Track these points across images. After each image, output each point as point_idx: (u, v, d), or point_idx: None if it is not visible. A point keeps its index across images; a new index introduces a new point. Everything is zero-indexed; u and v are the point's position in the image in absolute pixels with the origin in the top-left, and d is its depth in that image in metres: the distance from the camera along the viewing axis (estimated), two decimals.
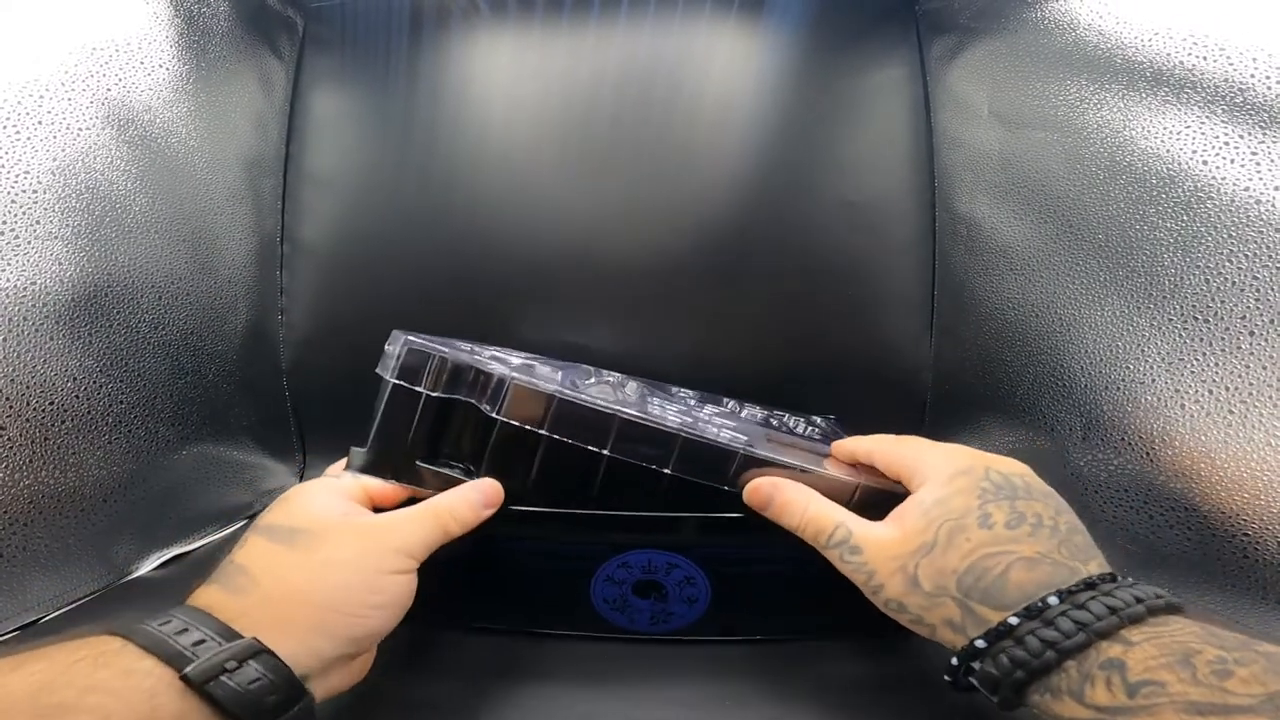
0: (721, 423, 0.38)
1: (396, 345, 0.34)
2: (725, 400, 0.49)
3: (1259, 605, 0.32)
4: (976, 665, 0.25)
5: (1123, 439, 0.38)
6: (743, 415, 0.46)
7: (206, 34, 0.51)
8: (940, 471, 0.29)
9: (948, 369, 0.55)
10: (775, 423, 0.46)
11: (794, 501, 0.31)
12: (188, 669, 0.22)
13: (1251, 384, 0.32)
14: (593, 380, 0.44)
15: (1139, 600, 0.23)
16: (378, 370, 0.34)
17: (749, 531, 0.33)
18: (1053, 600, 0.24)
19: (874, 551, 0.28)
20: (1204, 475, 0.34)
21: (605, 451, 0.32)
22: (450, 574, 0.35)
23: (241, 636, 0.24)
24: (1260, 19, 0.34)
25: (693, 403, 0.46)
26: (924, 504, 0.28)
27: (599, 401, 0.33)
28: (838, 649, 0.36)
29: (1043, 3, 0.46)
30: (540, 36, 0.58)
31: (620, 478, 0.33)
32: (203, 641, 0.23)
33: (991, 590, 0.25)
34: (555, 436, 0.32)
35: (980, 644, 0.25)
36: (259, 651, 0.24)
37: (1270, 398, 0.32)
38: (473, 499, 0.31)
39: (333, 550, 0.28)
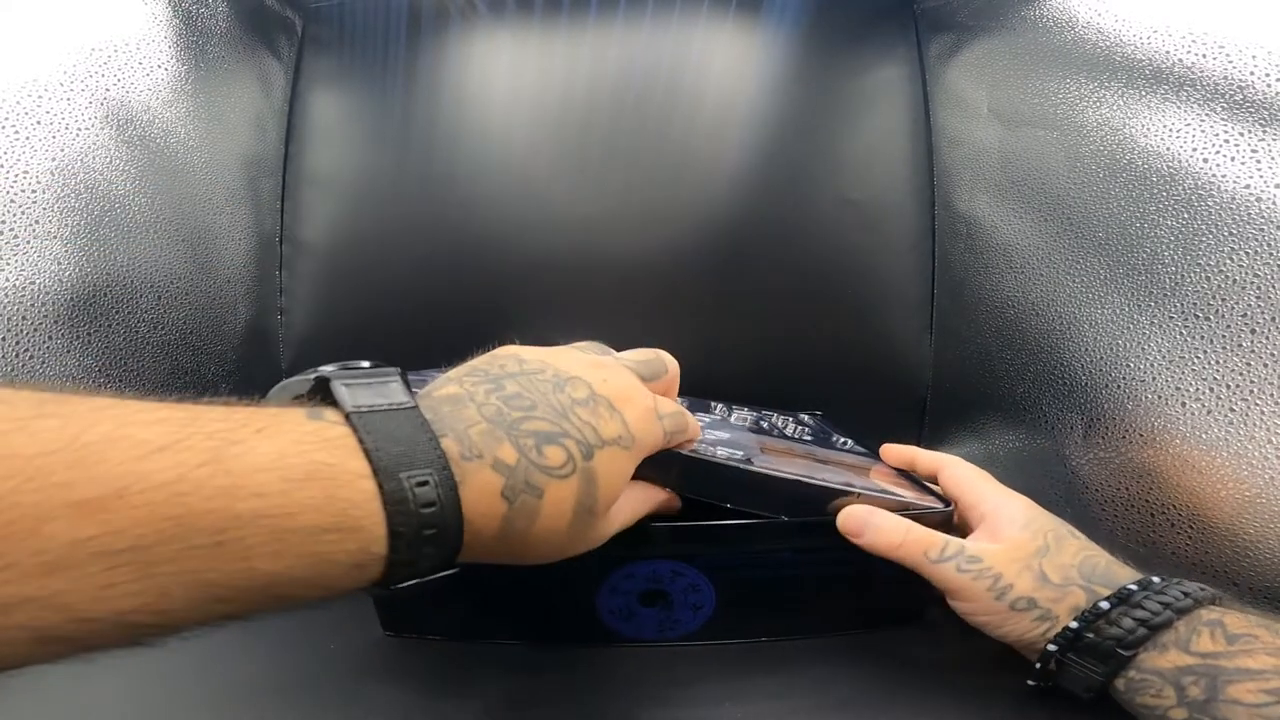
0: (715, 436, 0.38)
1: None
2: (714, 405, 0.49)
3: (1259, 605, 0.32)
4: (1090, 636, 0.28)
5: (1123, 437, 0.38)
6: (732, 420, 0.46)
7: (205, 34, 0.51)
8: (1012, 499, 0.34)
9: (947, 367, 0.55)
10: (766, 425, 0.46)
11: (892, 528, 0.33)
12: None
13: (1252, 382, 0.32)
14: None
15: (1207, 590, 0.29)
16: None
17: (751, 538, 0.33)
18: (1158, 580, 0.29)
19: (994, 558, 0.32)
20: (1204, 473, 0.34)
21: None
22: (457, 590, 0.35)
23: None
24: (1259, 17, 0.34)
25: None
26: (1018, 521, 0.33)
27: None
28: (837, 645, 0.36)
29: (1041, 1, 0.46)
30: (538, 36, 0.58)
31: None
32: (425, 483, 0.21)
33: (1108, 575, 0.30)
34: None
35: (1105, 605, 0.29)
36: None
37: (1271, 395, 0.31)
38: (657, 496, 0.32)
39: (573, 548, 0.26)
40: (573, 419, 0.25)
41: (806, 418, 0.51)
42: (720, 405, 0.49)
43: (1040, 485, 0.43)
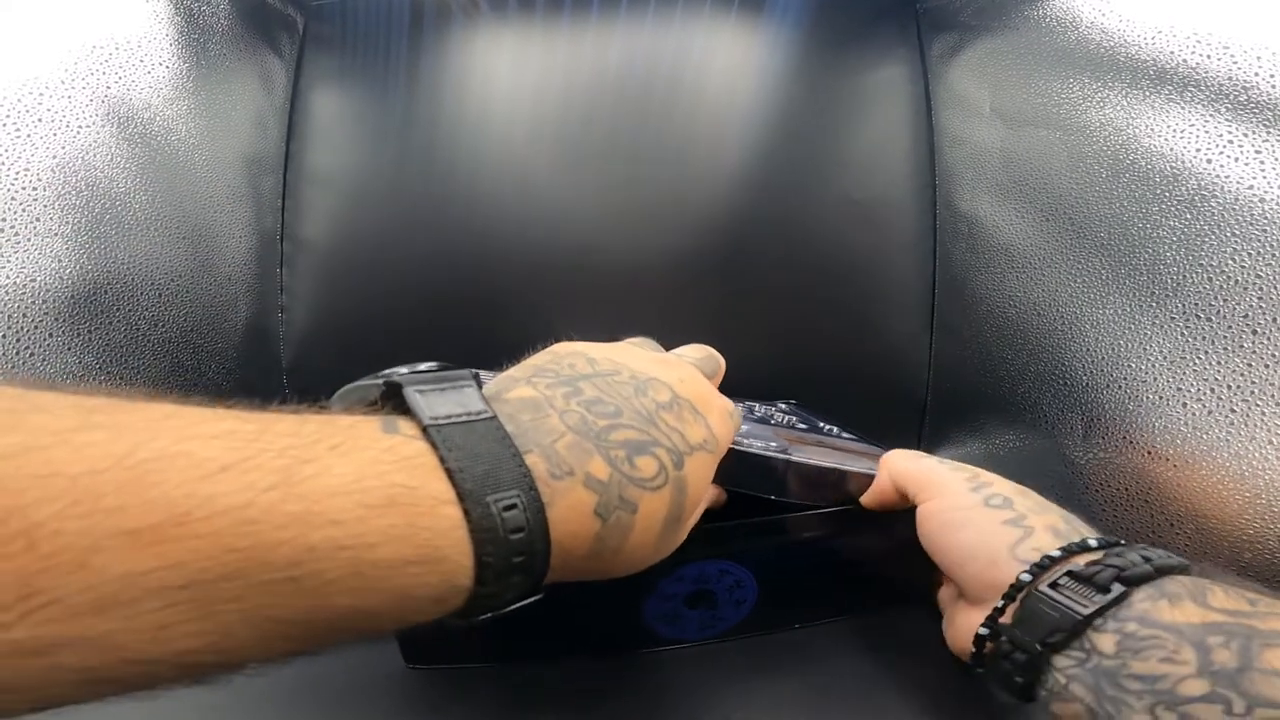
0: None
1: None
2: None
3: None
4: (1079, 561, 0.24)
5: (1124, 437, 0.38)
6: None
7: (207, 32, 0.51)
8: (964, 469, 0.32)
9: (948, 367, 0.55)
10: (756, 413, 0.46)
11: (933, 467, 0.32)
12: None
13: (1254, 383, 0.32)
14: None
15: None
16: None
17: (786, 529, 0.34)
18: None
19: (977, 468, 0.31)
20: (1205, 474, 0.34)
21: None
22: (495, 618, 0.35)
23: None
24: (1264, 17, 0.34)
25: None
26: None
27: None
28: (868, 625, 0.37)
29: (1044, 0, 0.46)
30: (541, 35, 0.58)
31: None
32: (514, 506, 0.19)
33: (1083, 529, 0.27)
34: None
35: (1093, 542, 0.25)
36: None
37: (1272, 396, 0.31)
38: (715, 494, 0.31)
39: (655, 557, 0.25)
40: (660, 425, 0.23)
41: (782, 404, 0.51)
42: None
43: (1040, 485, 0.43)
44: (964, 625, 0.28)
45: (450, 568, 0.18)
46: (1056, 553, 0.24)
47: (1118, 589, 0.22)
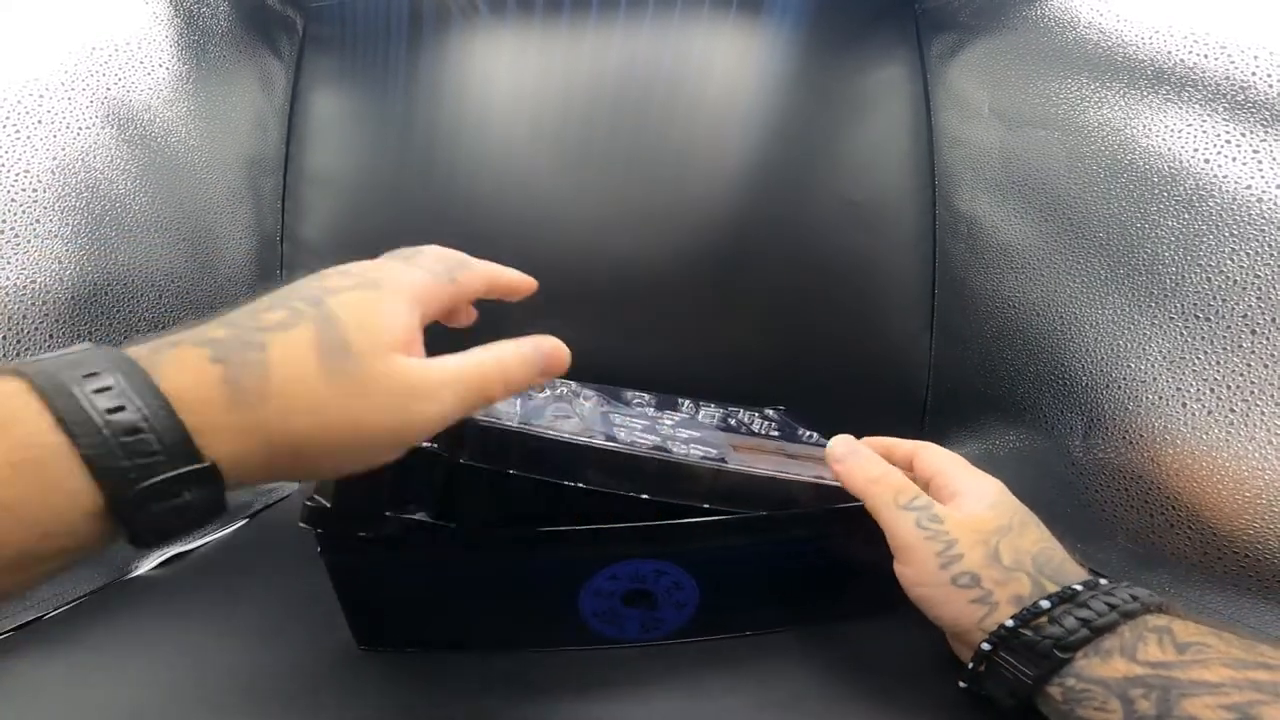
0: (688, 434, 0.38)
1: None
2: (682, 402, 0.49)
3: (1259, 605, 0.32)
4: (1027, 633, 0.27)
5: (1123, 438, 0.38)
6: (700, 418, 0.46)
7: (206, 34, 0.51)
8: (984, 479, 0.33)
9: (947, 367, 0.55)
10: (733, 422, 0.46)
11: (870, 465, 0.33)
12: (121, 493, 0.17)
13: (1253, 383, 0.32)
14: (545, 393, 0.44)
15: (1155, 596, 0.27)
16: None
17: (730, 531, 0.33)
18: (1104, 581, 0.28)
19: (956, 524, 0.30)
20: (1205, 474, 0.34)
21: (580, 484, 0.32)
22: (432, 597, 0.34)
23: (200, 459, 0.18)
24: (1261, 17, 0.34)
25: (651, 411, 0.46)
26: (987, 499, 0.31)
27: (565, 434, 0.32)
28: (793, 639, 0.36)
29: (1043, 1, 0.46)
30: (539, 36, 0.58)
31: (598, 492, 0.32)
32: (153, 455, 0.17)
33: (1059, 571, 0.29)
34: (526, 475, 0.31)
35: (1045, 604, 0.27)
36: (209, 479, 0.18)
37: (1272, 396, 0.31)
38: (530, 359, 0.26)
39: (364, 410, 0.21)
40: (300, 289, 0.22)
41: (771, 413, 0.51)
42: (688, 402, 0.49)
43: (1040, 485, 0.43)
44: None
45: (53, 473, 0.16)
46: (1011, 623, 0.27)
47: (1057, 656, 0.26)
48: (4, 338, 0.35)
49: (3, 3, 0.38)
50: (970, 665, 0.28)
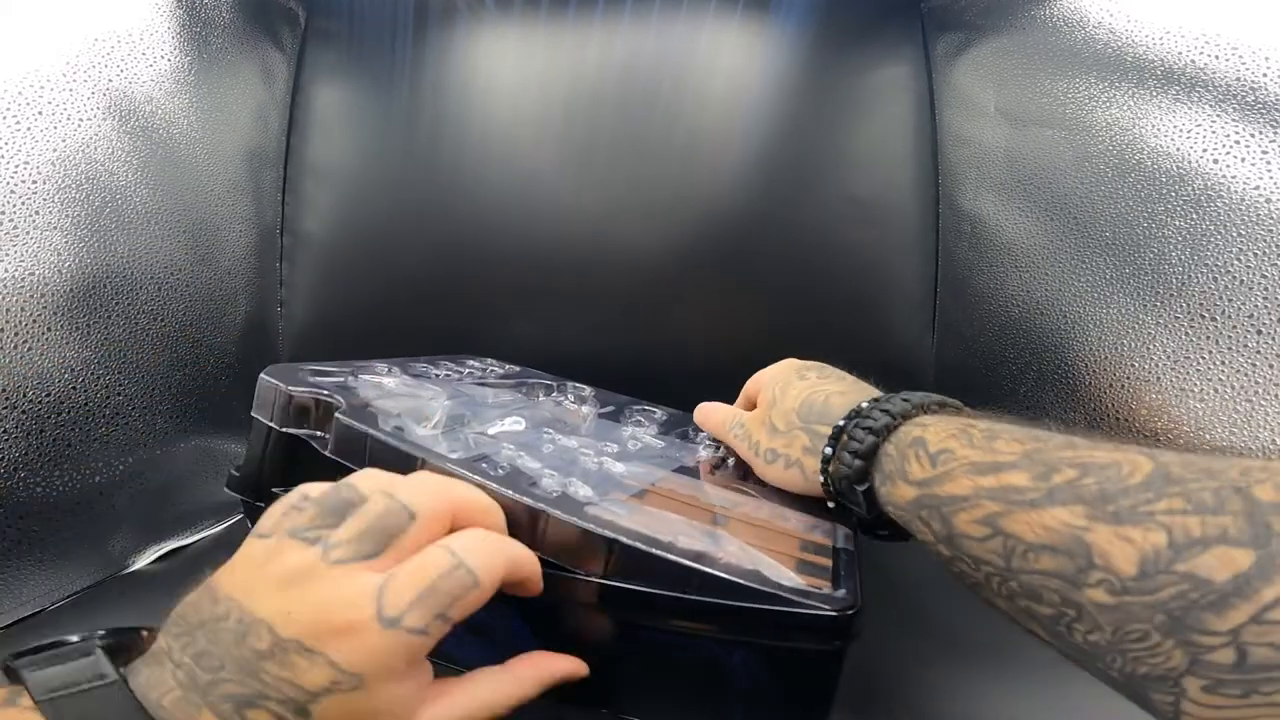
0: (623, 469, 0.33)
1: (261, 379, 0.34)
2: (626, 427, 0.42)
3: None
4: (831, 470, 0.29)
5: (1128, 437, 0.38)
6: (647, 441, 0.40)
7: (208, 26, 0.51)
8: (766, 373, 0.39)
9: (950, 366, 0.55)
10: (691, 437, 0.42)
11: (713, 412, 0.40)
12: None
13: (1258, 382, 0.32)
14: (543, 396, 0.43)
15: (928, 397, 0.29)
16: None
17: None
18: (865, 404, 0.30)
19: (750, 419, 0.36)
20: None
21: None
22: None
23: None
24: (1273, 19, 0.34)
25: (589, 441, 0.38)
26: (764, 383, 0.37)
27: (409, 444, 0.30)
28: None
29: (1051, 1, 0.46)
30: (545, 30, 0.58)
31: None
32: None
33: (823, 414, 0.32)
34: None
35: (828, 450, 0.30)
36: None
37: (1276, 396, 0.31)
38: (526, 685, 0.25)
39: None
40: (264, 678, 0.21)
41: None
42: (636, 426, 0.43)
43: None
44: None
45: None
46: (821, 479, 0.30)
47: (860, 468, 0.28)
48: (2, 329, 0.35)
49: None
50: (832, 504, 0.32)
